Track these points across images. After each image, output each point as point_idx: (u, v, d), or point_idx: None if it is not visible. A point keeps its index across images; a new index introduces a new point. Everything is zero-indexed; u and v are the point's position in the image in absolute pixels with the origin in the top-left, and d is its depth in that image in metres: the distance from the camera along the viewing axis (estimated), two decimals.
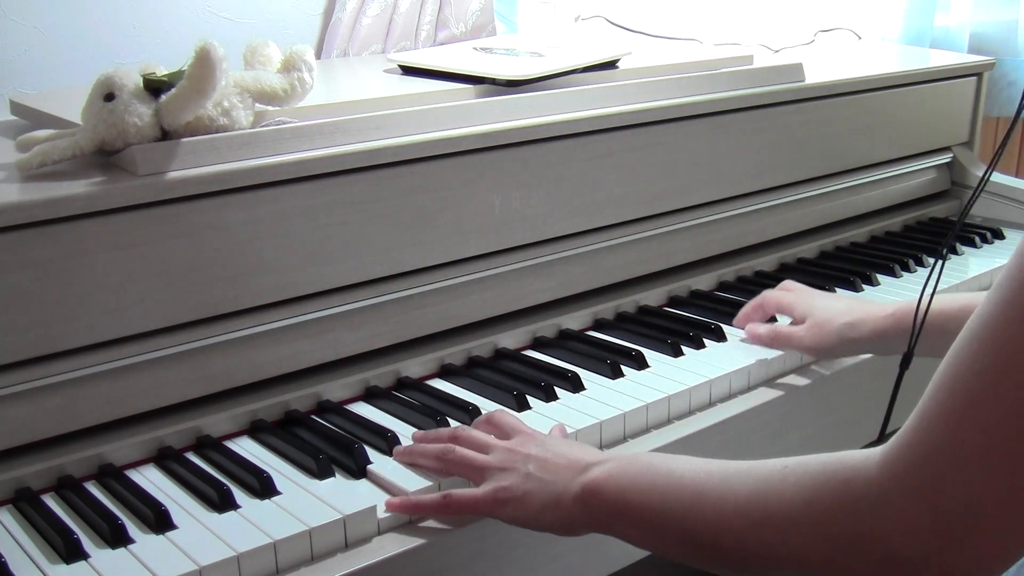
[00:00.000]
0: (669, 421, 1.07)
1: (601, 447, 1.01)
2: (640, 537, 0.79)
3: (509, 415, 0.97)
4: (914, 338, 0.91)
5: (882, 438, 0.73)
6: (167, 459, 0.96)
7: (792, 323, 1.18)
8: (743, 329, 1.21)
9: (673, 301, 1.34)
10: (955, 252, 1.55)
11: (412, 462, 0.93)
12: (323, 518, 0.85)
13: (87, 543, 0.83)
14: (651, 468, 0.79)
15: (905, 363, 0.92)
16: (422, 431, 0.98)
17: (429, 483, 0.90)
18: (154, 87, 0.95)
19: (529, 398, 1.06)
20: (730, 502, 0.72)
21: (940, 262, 0.90)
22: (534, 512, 0.84)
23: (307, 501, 0.88)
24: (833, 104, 1.50)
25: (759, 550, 0.71)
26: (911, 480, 0.62)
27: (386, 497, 0.88)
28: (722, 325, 1.23)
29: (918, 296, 0.94)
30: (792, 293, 1.20)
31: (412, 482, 0.90)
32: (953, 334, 0.65)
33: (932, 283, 0.91)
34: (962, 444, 0.60)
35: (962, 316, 0.70)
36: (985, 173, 0.94)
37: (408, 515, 0.88)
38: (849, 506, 0.65)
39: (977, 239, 1.60)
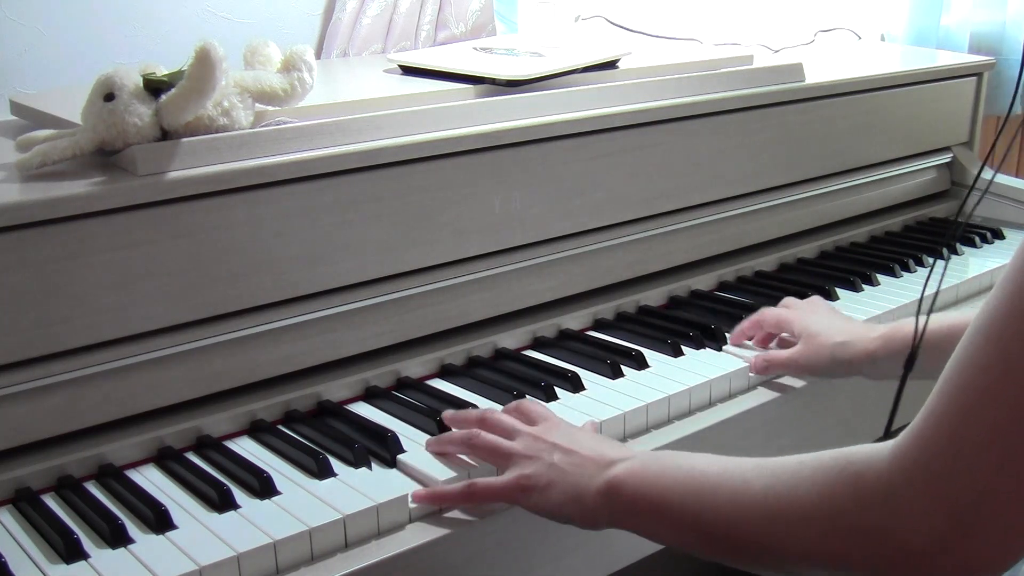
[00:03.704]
0: (669, 421, 1.07)
1: None
2: (660, 532, 0.80)
3: (538, 404, 0.97)
4: (918, 338, 0.91)
5: (887, 438, 0.73)
6: (167, 459, 0.96)
7: (785, 342, 1.17)
8: (738, 347, 1.19)
9: (673, 301, 1.34)
10: (955, 252, 1.54)
11: (441, 451, 0.94)
12: (323, 518, 0.85)
13: (87, 543, 0.83)
14: (671, 465, 0.80)
15: (909, 363, 0.92)
16: (452, 412, 0.98)
17: (453, 473, 0.91)
18: (154, 87, 0.95)
19: (529, 398, 1.05)
20: (745, 497, 0.73)
21: (944, 263, 0.92)
22: (556, 503, 0.84)
23: (307, 501, 0.88)
24: (833, 104, 1.50)
25: (773, 544, 0.71)
26: (919, 473, 0.62)
27: (383, 500, 0.88)
28: (722, 325, 1.23)
29: (904, 316, 0.93)
30: (791, 310, 1.19)
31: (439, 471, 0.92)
32: (938, 355, 0.66)
33: (935, 282, 0.91)
34: (969, 438, 0.60)
35: (951, 336, 0.71)
36: (980, 172, 0.95)
37: (435, 505, 0.89)
38: (860, 500, 0.66)
39: (977, 239, 1.59)
